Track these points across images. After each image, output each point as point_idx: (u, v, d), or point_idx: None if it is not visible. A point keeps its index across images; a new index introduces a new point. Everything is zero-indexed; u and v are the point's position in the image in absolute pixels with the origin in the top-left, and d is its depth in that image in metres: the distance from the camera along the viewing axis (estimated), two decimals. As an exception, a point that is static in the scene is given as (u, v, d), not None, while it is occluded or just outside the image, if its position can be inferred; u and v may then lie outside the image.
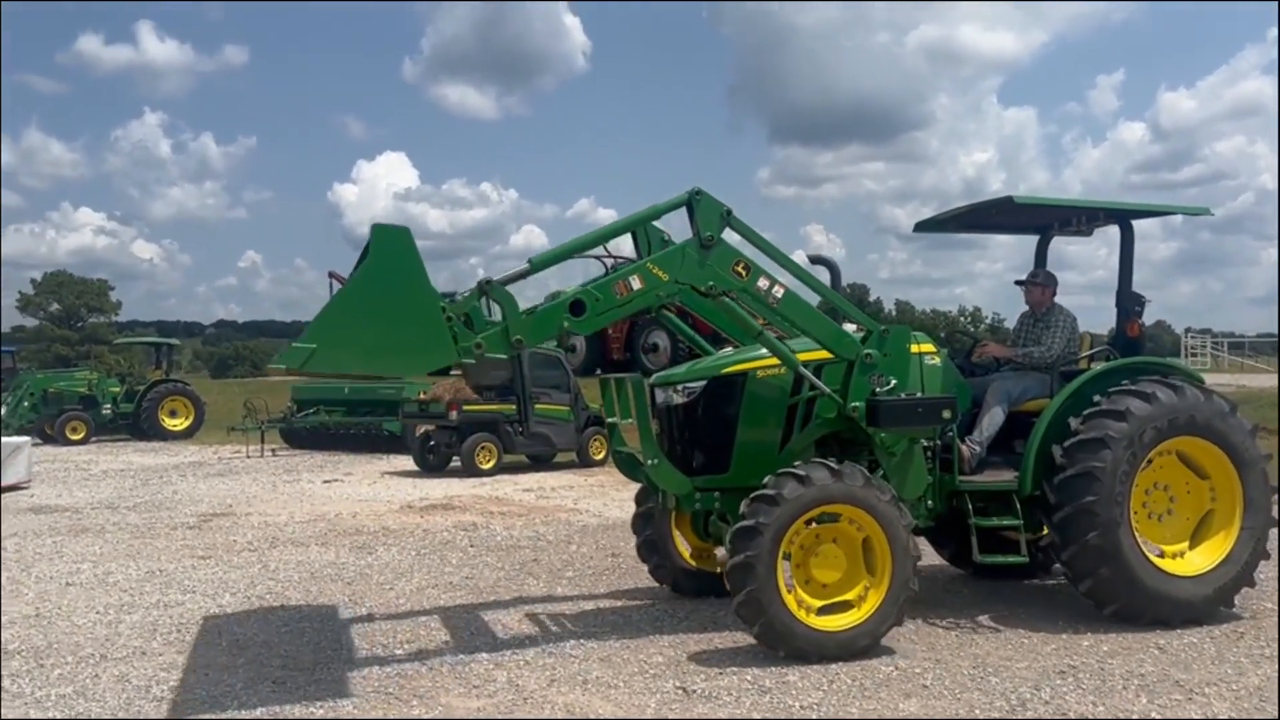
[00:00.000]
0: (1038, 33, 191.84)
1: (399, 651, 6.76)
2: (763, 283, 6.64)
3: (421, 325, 5.79)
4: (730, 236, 6.69)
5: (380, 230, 5.74)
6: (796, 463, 6.63)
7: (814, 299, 7.17)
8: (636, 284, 6.40)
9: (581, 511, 13.29)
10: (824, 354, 6.98)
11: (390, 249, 5.73)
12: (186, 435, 27.71)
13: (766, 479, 6.47)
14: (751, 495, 6.42)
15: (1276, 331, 41.37)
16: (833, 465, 6.48)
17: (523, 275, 6.39)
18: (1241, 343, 45.47)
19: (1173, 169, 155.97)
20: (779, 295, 6.68)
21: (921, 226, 8.92)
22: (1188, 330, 45.44)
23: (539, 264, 6.45)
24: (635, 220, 6.87)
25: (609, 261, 18.81)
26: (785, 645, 6.30)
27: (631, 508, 8.48)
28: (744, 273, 6.60)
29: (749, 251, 6.73)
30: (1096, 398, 7.24)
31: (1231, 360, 40.54)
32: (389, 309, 5.71)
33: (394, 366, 5.95)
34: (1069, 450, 7.09)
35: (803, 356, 7.11)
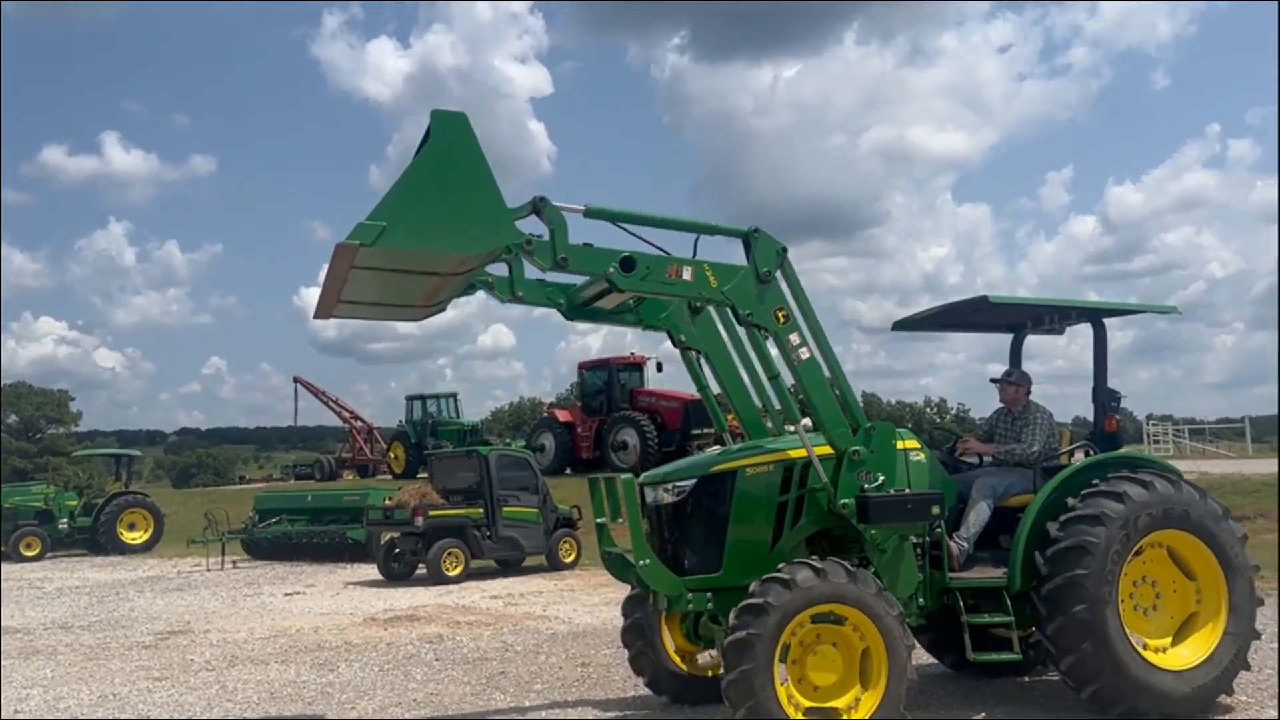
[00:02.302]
0: (988, 132, 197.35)
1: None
2: (794, 338, 6.70)
3: (485, 200, 5.80)
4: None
5: (440, 115, 5.75)
6: (812, 556, 6.54)
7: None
8: (687, 274, 6.46)
9: (551, 618, 12.87)
10: (812, 451, 6.84)
11: (450, 132, 5.73)
12: (145, 549, 26.96)
13: (780, 565, 6.37)
14: (764, 577, 6.30)
15: (1277, 412, 41.55)
16: (849, 567, 6.38)
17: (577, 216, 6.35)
18: (1202, 429, 45.74)
19: (1125, 260, 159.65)
20: (803, 356, 6.73)
21: (900, 326, 8.91)
22: (1149, 417, 45.67)
23: (593, 212, 6.45)
24: (691, 224, 6.77)
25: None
26: None
27: (603, 613, 8.20)
28: (782, 319, 6.65)
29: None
30: (1095, 481, 7.18)
31: (1193, 446, 40.71)
32: (453, 187, 5.73)
33: (461, 243, 5.85)
34: (1065, 524, 7.02)
35: (792, 454, 7.05)
